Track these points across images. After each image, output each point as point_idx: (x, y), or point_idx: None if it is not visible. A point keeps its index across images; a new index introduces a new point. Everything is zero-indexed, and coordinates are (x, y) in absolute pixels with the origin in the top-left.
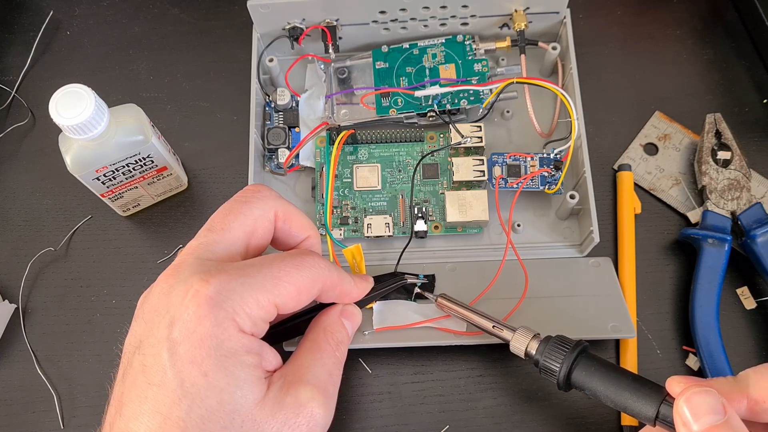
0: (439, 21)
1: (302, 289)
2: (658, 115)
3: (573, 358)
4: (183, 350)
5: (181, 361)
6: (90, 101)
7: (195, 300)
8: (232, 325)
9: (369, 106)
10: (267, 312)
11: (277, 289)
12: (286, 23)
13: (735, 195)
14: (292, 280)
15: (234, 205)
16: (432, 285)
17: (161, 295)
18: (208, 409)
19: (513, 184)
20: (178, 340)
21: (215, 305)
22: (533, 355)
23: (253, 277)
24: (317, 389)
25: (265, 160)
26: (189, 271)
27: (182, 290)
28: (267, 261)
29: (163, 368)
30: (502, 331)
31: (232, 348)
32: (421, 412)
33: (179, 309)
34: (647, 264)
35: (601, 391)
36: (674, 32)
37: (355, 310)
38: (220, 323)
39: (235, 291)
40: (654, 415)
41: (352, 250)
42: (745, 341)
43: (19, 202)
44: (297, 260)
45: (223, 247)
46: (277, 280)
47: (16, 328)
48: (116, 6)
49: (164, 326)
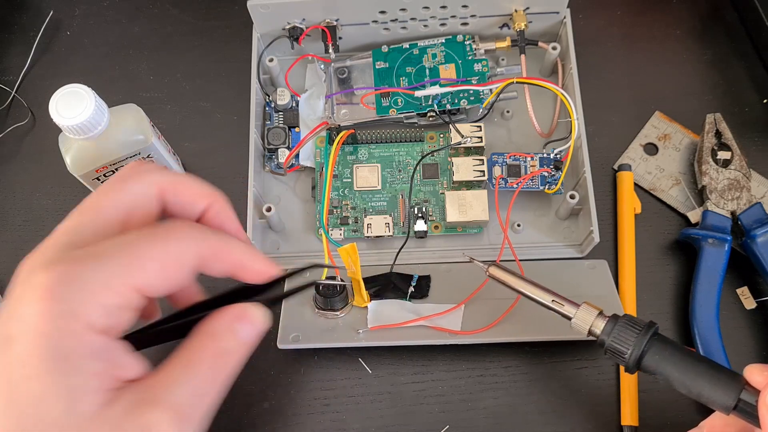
0: (439, 21)
1: (168, 263)
2: (658, 115)
3: (645, 340)
4: (18, 349)
5: (12, 360)
6: (90, 101)
7: (34, 292)
8: (74, 321)
9: (369, 106)
10: (124, 298)
11: (134, 268)
12: (286, 23)
13: (735, 195)
14: (155, 254)
15: (109, 182)
16: (427, 286)
17: (13, 281)
18: (26, 418)
19: (513, 184)
20: (13, 336)
21: (55, 297)
22: (598, 334)
23: (104, 260)
24: (173, 413)
25: (265, 160)
26: (40, 258)
27: (24, 280)
28: (126, 238)
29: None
30: (563, 307)
31: (70, 348)
32: (421, 412)
33: (18, 302)
34: (647, 264)
35: (675, 377)
36: (674, 32)
37: (259, 313)
38: (59, 318)
39: (80, 278)
40: (733, 405)
41: (347, 249)
42: (745, 341)
43: (19, 202)
44: (163, 231)
45: (91, 231)
46: (134, 258)
47: None
48: (116, 6)
49: (2, 320)
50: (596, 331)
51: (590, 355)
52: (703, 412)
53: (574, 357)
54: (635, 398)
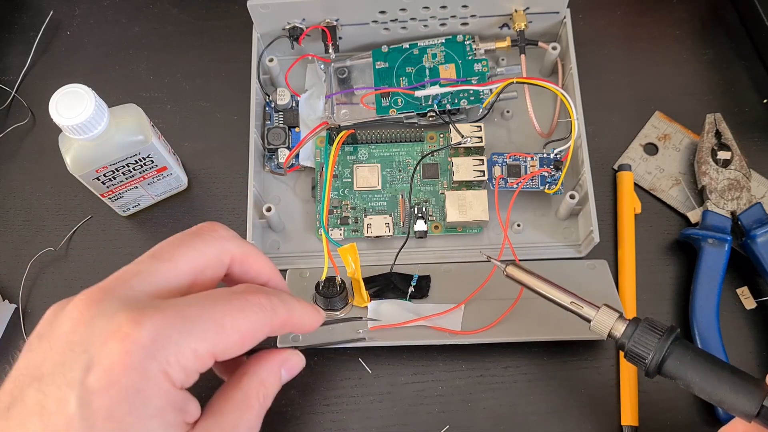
0: (439, 21)
1: (247, 336)
2: (658, 115)
3: (666, 346)
4: (99, 403)
5: (95, 415)
6: (90, 101)
7: (123, 345)
8: (163, 379)
9: (369, 106)
10: (203, 364)
11: (219, 337)
12: (286, 23)
13: (735, 195)
14: (237, 326)
15: (187, 237)
16: (427, 287)
17: (78, 324)
18: None
19: (513, 184)
20: (95, 389)
21: (147, 355)
22: (618, 338)
23: (194, 323)
24: None
25: (265, 160)
26: (118, 303)
27: (106, 327)
28: (209, 301)
29: (69, 418)
30: (582, 308)
31: (158, 405)
32: (421, 412)
33: (101, 351)
34: (647, 264)
35: (697, 383)
36: (674, 32)
37: (300, 360)
38: (149, 377)
39: (171, 339)
40: (756, 412)
41: (347, 249)
42: (745, 341)
43: (19, 202)
44: (242, 301)
45: (163, 279)
46: (219, 328)
47: (16, 328)
48: (116, 6)
49: (79, 367)
50: (616, 334)
51: (590, 355)
52: (703, 413)
53: (574, 357)
54: (635, 398)
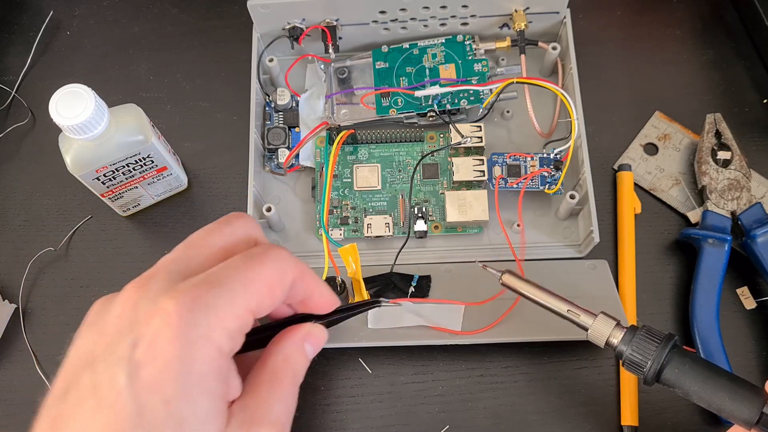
0: (439, 21)
1: (274, 283)
2: (658, 115)
3: (665, 354)
4: (146, 374)
5: (142, 385)
6: (90, 101)
7: (163, 318)
8: (206, 345)
9: (369, 106)
10: (245, 322)
11: (248, 291)
12: (286, 23)
13: (735, 195)
14: (262, 277)
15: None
16: (427, 287)
17: (125, 309)
18: None
19: (513, 184)
20: (142, 362)
21: (187, 324)
22: (616, 345)
23: (224, 285)
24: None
25: (265, 160)
26: (158, 285)
27: (149, 307)
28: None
29: (119, 391)
30: (579, 317)
31: (201, 373)
32: (421, 412)
33: (145, 328)
34: (647, 264)
35: (695, 391)
36: (674, 32)
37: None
38: (192, 344)
39: (208, 305)
40: (756, 419)
41: (348, 249)
42: (745, 341)
43: (19, 202)
44: (259, 255)
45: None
46: (246, 281)
47: (16, 328)
48: (116, 6)
49: (126, 345)
50: (614, 342)
51: (590, 355)
52: (703, 413)
53: (574, 357)
54: (635, 398)
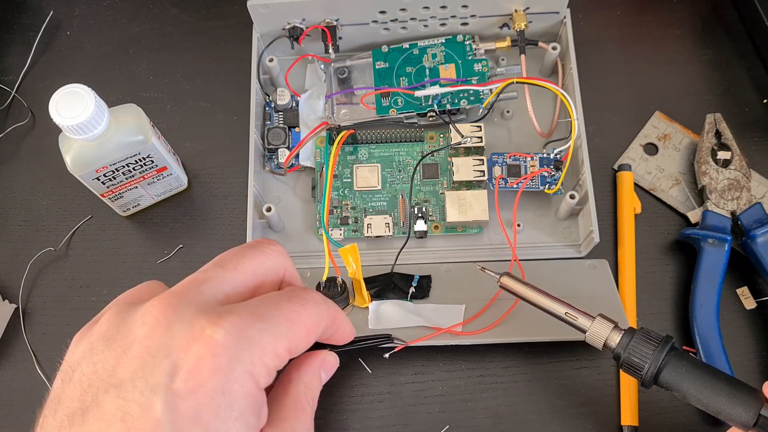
0: (439, 21)
1: (311, 329)
2: (658, 115)
3: (662, 356)
4: (186, 406)
5: (182, 418)
6: (90, 101)
7: (207, 347)
8: (248, 380)
9: (369, 106)
10: (282, 360)
11: (291, 332)
12: (286, 23)
13: (735, 195)
14: (303, 320)
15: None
16: (428, 286)
17: (155, 328)
18: None
19: (513, 184)
20: (182, 392)
21: (232, 356)
22: (614, 347)
23: (268, 321)
24: None
25: (265, 160)
26: (193, 308)
27: (187, 331)
28: (273, 301)
29: (156, 423)
30: (577, 319)
31: (241, 407)
32: (421, 412)
33: (185, 355)
34: (647, 264)
35: (693, 394)
36: (674, 32)
37: (335, 360)
38: (236, 378)
39: (253, 339)
40: (753, 422)
41: (348, 250)
42: (745, 341)
43: (19, 202)
44: (301, 298)
45: (231, 286)
46: (289, 322)
47: (16, 328)
48: (116, 6)
49: (162, 372)
50: (612, 344)
51: (590, 355)
52: (703, 413)
53: (574, 357)
54: (635, 398)
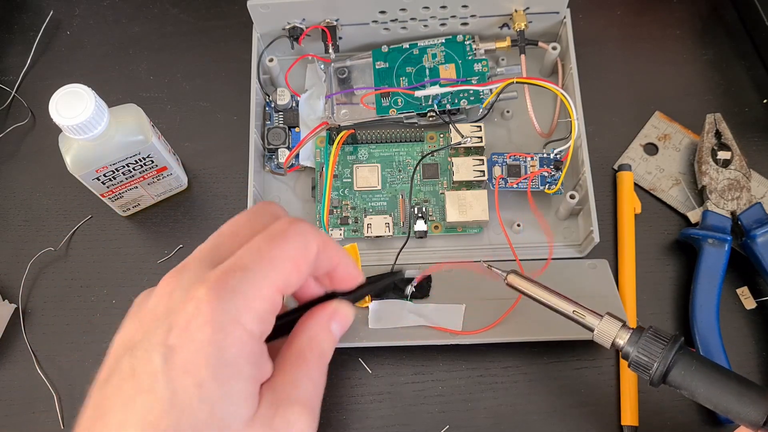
0: (439, 21)
1: (299, 261)
2: (658, 115)
3: (672, 355)
4: (179, 358)
5: (176, 369)
6: (90, 101)
7: (195, 305)
8: (236, 329)
9: (369, 106)
10: (274, 303)
11: (275, 271)
12: (286, 23)
13: (735, 195)
14: (286, 255)
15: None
16: (428, 286)
17: (161, 298)
18: (198, 422)
19: (513, 184)
20: (175, 346)
21: (217, 308)
22: (622, 346)
23: (248, 268)
24: (306, 409)
25: (265, 160)
26: (190, 274)
27: (183, 296)
28: (253, 245)
29: (155, 375)
30: (585, 318)
31: (233, 356)
32: (421, 412)
33: (179, 314)
34: (647, 264)
35: (702, 393)
36: (674, 32)
37: (348, 310)
38: (222, 328)
39: (235, 289)
40: (763, 421)
41: (348, 250)
42: (745, 341)
43: (19, 202)
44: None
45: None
46: (271, 262)
47: (16, 328)
48: (116, 6)
49: (162, 331)
50: (620, 343)
51: (590, 355)
52: (703, 413)
53: (574, 357)
54: (635, 398)
